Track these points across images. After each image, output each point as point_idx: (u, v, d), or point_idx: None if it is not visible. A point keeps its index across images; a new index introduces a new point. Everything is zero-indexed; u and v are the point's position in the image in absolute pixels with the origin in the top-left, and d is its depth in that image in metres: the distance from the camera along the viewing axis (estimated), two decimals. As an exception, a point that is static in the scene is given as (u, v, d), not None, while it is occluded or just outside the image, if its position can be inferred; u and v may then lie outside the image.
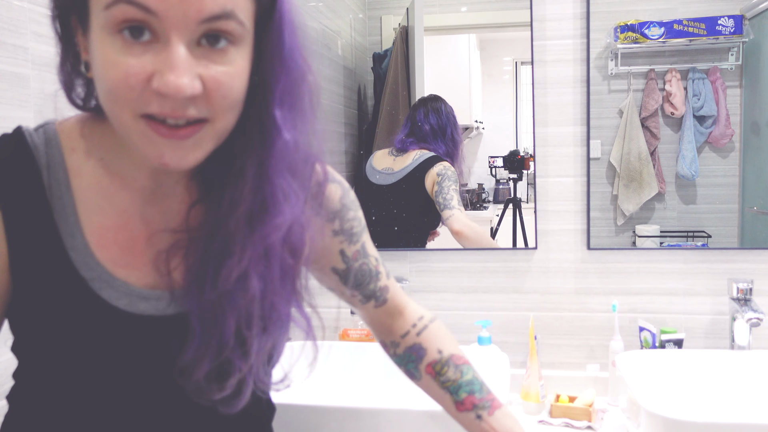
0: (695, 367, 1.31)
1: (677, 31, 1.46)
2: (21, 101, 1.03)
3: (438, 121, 1.60)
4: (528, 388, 1.40)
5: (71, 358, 0.64)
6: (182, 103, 0.54)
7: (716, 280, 1.47)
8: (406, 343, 0.90)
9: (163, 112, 0.55)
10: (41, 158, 0.64)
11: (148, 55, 0.54)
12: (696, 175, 1.50)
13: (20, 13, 1.02)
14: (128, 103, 0.55)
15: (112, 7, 0.52)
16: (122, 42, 0.53)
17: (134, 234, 0.66)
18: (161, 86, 0.53)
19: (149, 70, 0.54)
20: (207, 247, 0.64)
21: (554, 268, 1.54)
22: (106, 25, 0.53)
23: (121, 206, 0.66)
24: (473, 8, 1.61)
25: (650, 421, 1.06)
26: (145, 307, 0.65)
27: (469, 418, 0.86)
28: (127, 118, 0.56)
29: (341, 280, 0.83)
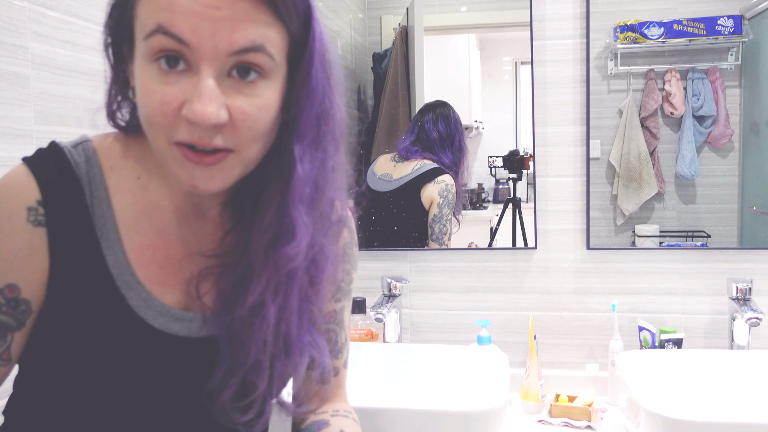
0: (695, 367, 1.31)
1: (677, 31, 1.46)
2: (21, 101, 1.03)
3: (446, 129, 1.58)
4: (527, 387, 1.40)
5: (101, 373, 0.65)
6: (209, 131, 0.57)
7: (716, 280, 1.47)
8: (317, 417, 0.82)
9: (192, 140, 0.57)
10: (83, 176, 0.65)
11: (182, 84, 0.57)
12: (695, 175, 1.50)
13: (20, 12, 1.02)
14: (162, 129, 0.58)
15: (150, 38, 0.56)
16: (158, 70, 0.57)
17: (171, 253, 0.68)
18: (189, 113, 0.56)
19: (181, 99, 0.57)
20: (235, 273, 0.67)
21: (554, 268, 1.54)
22: (146, 54, 0.57)
23: (158, 225, 0.68)
24: (473, 8, 1.61)
25: (650, 420, 1.06)
26: (178, 328, 0.67)
27: None
28: (162, 143, 0.59)
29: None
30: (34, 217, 0.63)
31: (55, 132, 1.10)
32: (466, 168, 1.61)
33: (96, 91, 1.20)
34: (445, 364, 1.40)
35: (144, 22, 0.57)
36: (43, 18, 1.07)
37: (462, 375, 1.37)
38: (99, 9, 1.21)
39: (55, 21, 1.10)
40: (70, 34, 1.13)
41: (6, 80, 1.00)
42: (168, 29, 0.55)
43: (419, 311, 1.61)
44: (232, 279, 0.67)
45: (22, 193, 0.63)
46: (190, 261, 0.69)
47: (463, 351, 1.42)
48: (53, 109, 1.09)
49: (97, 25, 1.20)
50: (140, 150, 0.68)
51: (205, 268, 0.68)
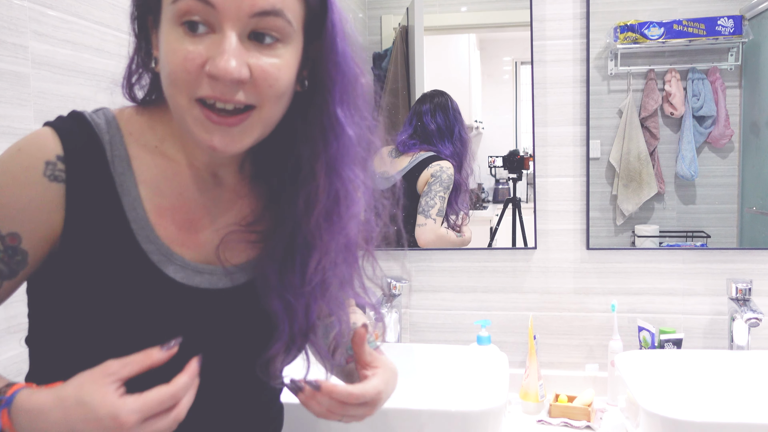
0: (694, 367, 1.31)
1: (677, 31, 1.46)
2: (21, 100, 1.03)
3: (445, 120, 1.56)
4: (527, 387, 1.40)
5: (123, 327, 0.66)
6: (231, 87, 0.60)
7: (715, 280, 1.47)
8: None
9: (214, 95, 0.60)
10: (104, 135, 0.67)
11: (205, 43, 0.60)
12: (695, 175, 1.50)
13: (20, 11, 1.02)
14: (185, 85, 0.61)
15: (178, 1, 0.59)
16: (183, 32, 0.60)
17: (190, 216, 0.71)
18: (212, 69, 0.59)
19: (204, 56, 0.60)
20: (289, 247, 0.70)
21: (553, 268, 1.54)
22: (172, 17, 0.60)
23: (177, 189, 0.70)
24: (473, 8, 1.61)
25: (649, 420, 1.06)
26: (200, 281, 0.70)
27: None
28: (184, 102, 0.62)
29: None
30: (51, 172, 0.64)
31: (55, 131, 1.10)
32: (471, 158, 1.58)
33: (96, 91, 1.20)
34: (445, 364, 1.40)
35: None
36: (43, 17, 1.07)
37: (461, 375, 1.37)
38: (99, 8, 1.21)
39: (55, 20, 1.10)
40: (70, 33, 1.13)
41: (6, 79, 1.00)
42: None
43: (419, 311, 1.61)
44: (283, 253, 0.70)
45: (43, 148, 0.64)
46: (211, 223, 0.71)
47: (462, 351, 1.42)
48: (53, 108, 1.09)
49: (97, 25, 1.20)
50: (158, 122, 0.70)
51: (229, 234, 0.71)
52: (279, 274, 0.70)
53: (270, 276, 0.70)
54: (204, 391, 0.70)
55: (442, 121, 1.56)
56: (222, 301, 0.71)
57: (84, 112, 0.68)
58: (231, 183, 0.74)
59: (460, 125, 1.57)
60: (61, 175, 0.64)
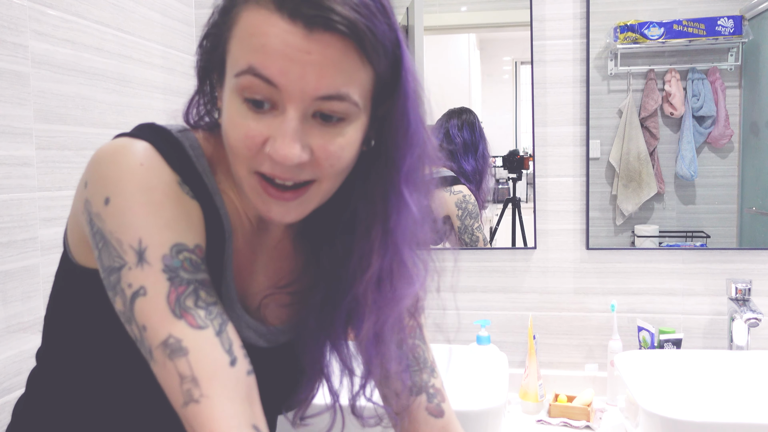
0: (694, 367, 1.31)
1: (677, 31, 1.46)
2: (21, 99, 1.03)
3: (471, 136, 1.57)
4: (527, 387, 1.40)
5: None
6: (291, 169, 0.59)
7: (715, 281, 1.47)
8: None
9: (273, 174, 0.59)
10: (197, 163, 0.65)
11: (267, 120, 0.58)
12: (695, 176, 1.50)
13: (20, 11, 1.02)
14: (245, 160, 0.60)
15: (240, 76, 0.57)
16: (247, 107, 0.58)
17: (244, 261, 0.69)
18: (272, 152, 0.58)
19: (266, 134, 0.58)
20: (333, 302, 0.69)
21: (553, 268, 1.54)
22: (234, 90, 0.58)
23: (243, 232, 0.69)
24: (473, 8, 1.61)
25: (648, 420, 1.06)
26: (247, 335, 0.69)
27: None
28: (243, 173, 0.61)
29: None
30: (186, 190, 0.62)
31: (54, 130, 1.10)
32: (490, 179, 1.59)
33: (96, 91, 1.20)
34: (444, 364, 1.40)
35: (236, 60, 0.58)
36: (43, 16, 1.07)
37: (461, 374, 1.37)
38: (99, 8, 1.21)
39: (55, 19, 1.10)
40: (70, 32, 1.13)
41: (6, 78, 1.00)
42: (258, 71, 0.56)
43: (418, 311, 1.61)
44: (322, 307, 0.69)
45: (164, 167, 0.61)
46: (257, 273, 0.71)
47: (462, 351, 1.42)
48: (53, 107, 1.09)
49: (97, 24, 1.20)
50: (219, 155, 0.68)
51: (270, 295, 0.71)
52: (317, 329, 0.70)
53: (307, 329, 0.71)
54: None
55: (469, 137, 1.57)
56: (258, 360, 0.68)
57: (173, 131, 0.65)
58: (278, 234, 0.73)
59: (485, 144, 1.57)
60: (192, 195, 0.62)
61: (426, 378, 0.78)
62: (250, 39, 0.57)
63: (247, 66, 0.57)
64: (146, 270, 0.57)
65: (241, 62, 0.57)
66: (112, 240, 0.58)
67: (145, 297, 0.57)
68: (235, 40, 0.58)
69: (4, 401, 1.01)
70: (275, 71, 0.56)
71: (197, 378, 0.55)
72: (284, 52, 0.56)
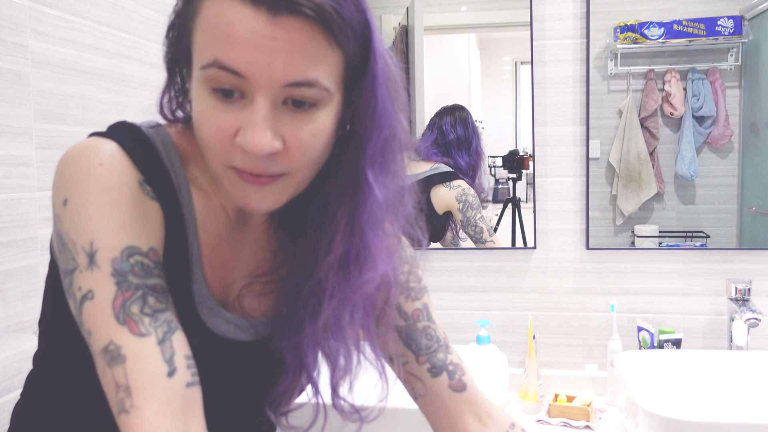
0: (693, 367, 1.31)
1: (677, 31, 1.46)
2: (20, 99, 1.03)
3: (465, 131, 1.58)
4: (526, 387, 1.40)
5: None
6: (263, 159, 0.57)
7: (715, 281, 1.47)
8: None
9: (245, 168, 0.58)
10: (165, 159, 0.64)
11: (236, 110, 0.57)
12: (695, 176, 1.50)
13: (20, 10, 1.02)
14: (218, 155, 0.58)
15: (206, 69, 0.56)
16: (215, 98, 0.57)
17: (222, 256, 0.69)
18: (243, 143, 0.56)
19: (236, 126, 0.57)
20: (301, 288, 0.67)
21: (553, 268, 1.54)
22: (202, 81, 0.57)
23: (216, 227, 0.68)
24: (473, 8, 1.61)
25: (648, 420, 1.06)
26: (225, 330, 0.68)
27: None
28: (218, 167, 0.60)
29: (404, 342, 0.78)
30: (147, 191, 0.61)
31: (55, 130, 1.10)
32: (483, 173, 1.60)
33: (96, 90, 1.20)
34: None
35: (201, 52, 0.57)
36: (43, 16, 1.07)
37: (461, 374, 1.37)
38: (99, 7, 1.21)
39: (55, 19, 1.10)
40: (70, 32, 1.13)
41: (6, 78, 1.00)
42: (224, 63, 0.55)
43: (418, 311, 1.61)
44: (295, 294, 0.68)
45: (126, 167, 0.60)
46: (236, 267, 0.70)
47: (462, 350, 1.42)
48: (53, 107, 1.09)
49: (97, 24, 1.20)
50: (195, 149, 0.67)
51: (244, 287, 0.69)
52: (287, 314, 0.69)
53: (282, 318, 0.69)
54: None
55: (462, 132, 1.58)
56: (243, 353, 0.69)
57: (142, 127, 0.64)
58: (257, 225, 0.72)
59: (477, 139, 1.58)
60: (153, 195, 0.61)
61: (443, 357, 0.77)
62: (214, 30, 0.55)
63: (212, 59, 0.55)
64: (95, 273, 0.56)
65: (205, 54, 0.56)
66: (68, 242, 0.58)
67: (92, 301, 0.56)
68: (198, 31, 0.57)
69: (4, 401, 1.01)
70: (241, 62, 0.54)
71: (131, 387, 0.54)
72: (249, 41, 0.54)
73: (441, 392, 0.77)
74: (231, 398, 0.70)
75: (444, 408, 0.77)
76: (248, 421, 0.74)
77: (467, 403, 0.77)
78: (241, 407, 0.71)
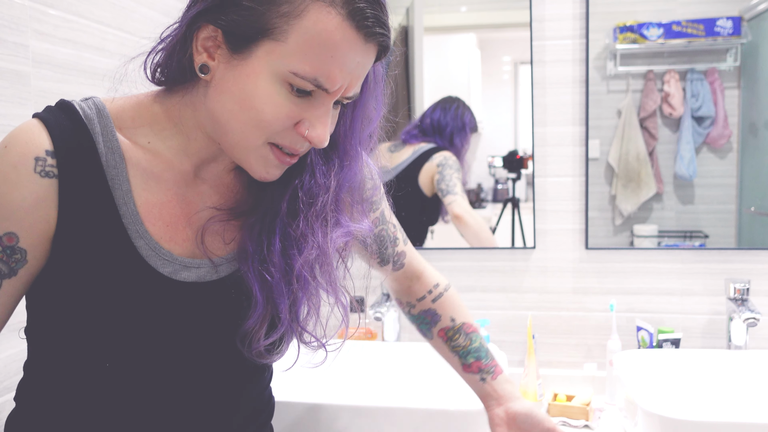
0: (692, 367, 1.32)
1: (676, 32, 1.47)
2: (21, 99, 1.03)
3: (441, 117, 1.59)
4: (525, 386, 1.41)
5: (115, 324, 0.67)
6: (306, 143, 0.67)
7: (714, 280, 1.47)
8: (422, 306, 0.98)
9: (292, 148, 0.68)
10: (94, 126, 0.67)
11: (304, 105, 0.65)
12: (694, 176, 1.50)
13: (21, 10, 1.02)
14: (269, 134, 0.65)
15: (296, 78, 0.63)
16: (288, 91, 0.64)
17: (175, 212, 0.71)
18: (312, 135, 0.66)
19: (301, 116, 0.65)
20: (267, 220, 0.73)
21: (552, 268, 1.55)
22: (283, 78, 0.63)
23: (164, 186, 0.71)
24: (473, 8, 1.61)
25: (647, 420, 1.06)
26: (187, 275, 0.71)
27: (474, 379, 0.96)
28: (257, 143, 0.66)
29: (362, 245, 0.89)
30: (41, 168, 0.64)
31: (55, 130, 1.10)
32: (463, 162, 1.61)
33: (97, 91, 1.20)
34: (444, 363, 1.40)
35: (295, 59, 0.62)
36: (44, 16, 1.07)
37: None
38: (100, 7, 1.21)
39: (56, 19, 1.10)
40: (71, 32, 1.13)
41: (6, 78, 1.00)
42: (321, 84, 0.63)
43: (418, 310, 1.61)
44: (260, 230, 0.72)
45: (31, 143, 0.64)
46: (197, 218, 0.73)
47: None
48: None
49: (98, 24, 1.20)
50: (156, 113, 0.71)
51: (208, 221, 0.72)
52: (256, 247, 0.72)
53: (247, 249, 0.72)
54: (191, 379, 0.72)
55: (438, 116, 1.59)
56: (209, 294, 0.72)
57: (73, 101, 0.68)
58: (213, 177, 0.75)
59: (456, 127, 1.59)
60: (52, 170, 0.64)
61: (390, 251, 0.92)
62: (320, 49, 0.61)
63: (312, 76, 0.62)
64: None
65: (304, 66, 0.62)
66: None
67: None
68: (299, 34, 0.61)
69: (5, 400, 1.01)
70: (333, 83, 0.63)
71: None
72: (345, 63, 0.63)
73: (387, 272, 0.95)
74: (204, 341, 0.71)
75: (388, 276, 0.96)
76: (227, 364, 0.75)
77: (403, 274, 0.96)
78: (216, 349, 0.73)
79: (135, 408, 0.70)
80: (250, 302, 0.71)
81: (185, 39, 0.66)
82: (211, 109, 0.67)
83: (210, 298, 0.72)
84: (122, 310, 0.67)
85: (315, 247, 0.72)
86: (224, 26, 0.63)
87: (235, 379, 0.77)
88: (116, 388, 0.69)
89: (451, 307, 0.98)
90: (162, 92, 0.72)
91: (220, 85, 0.65)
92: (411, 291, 0.98)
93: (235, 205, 0.75)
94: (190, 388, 0.73)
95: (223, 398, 0.76)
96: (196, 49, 0.65)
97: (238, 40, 0.63)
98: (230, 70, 0.64)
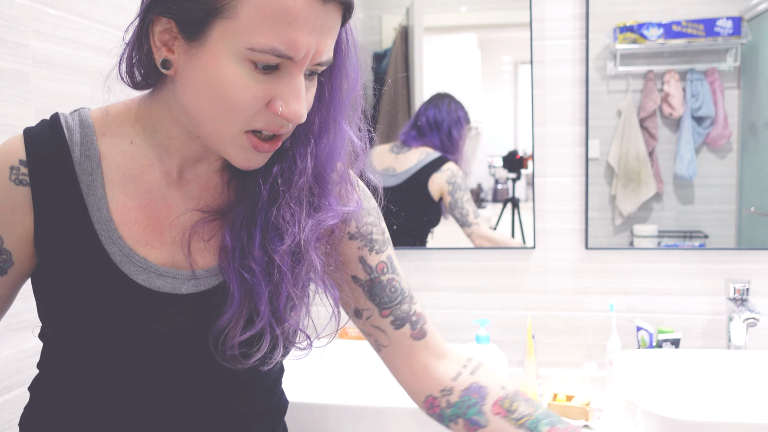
0: (692, 367, 1.32)
1: (676, 32, 1.47)
2: (21, 98, 1.03)
3: (436, 114, 1.59)
4: (525, 386, 1.41)
5: (91, 329, 0.67)
6: (286, 122, 0.64)
7: (713, 280, 1.47)
8: (461, 385, 0.78)
9: (270, 128, 0.64)
10: (74, 136, 0.69)
11: (272, 81, 0.62)
12: (694, 176, 1.50)
13: (21, 10, 1.02)
14: (244, 120, 0.63)
15: (255, 52, 0.59)
16: (252, 69, 0.61)
17: (155, 215, 0.70)
18: (286, 112, 0.62)
19: (271, 95, 0.62)
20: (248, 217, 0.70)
21: (552, 268, 1.55)
22: (243, 57, 0.60)
23: (145, 188, 0.70)
24: (473, 8, 1.61)
25: (647, 420, 1.06)
26: (161, 284, 0.69)
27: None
28: (233, 132, 0.63)
29: (367, 295, 0.78)
30: (15, 176, 0.67)
31: (55, 130, 1.10)
32: (462, 158, 1.61)
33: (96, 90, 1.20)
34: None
35: (249, 34, 0.59)
36: (44, 16, 1.07)
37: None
38: (100, 7, 1.21)
39: (56, 19, 1.10)
40: (71, 32, 1.13)
41: (6, 78, 1.00)
42: (281, 53, 0.59)
43: (418, 310, 1.61)
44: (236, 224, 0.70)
45: (10, 153, 0.67)
46: (178, 221, 0.71)
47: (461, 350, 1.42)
48: (54, 107, 1.09)
49: (97, 23, 1.20)
50: (138, 115, 0.71)
51: (198, 222, 0.70)
52: (235, 243, 0.69)
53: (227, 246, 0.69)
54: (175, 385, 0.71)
55: (432, 114, 1.60)
56: (183, 306, 0.69)
57: (60, 115, 0.70)
58: (198, 178, 0.73)
59: (452, 123, 1.60)
60: (25, 178, 0.67)
61: (407, 308, 0.79)
62: (274, 17, 0.58)
63: (269, 47, 0.59)
64: None
65: (261, 40, 0.58)
66: None
67: None
68: (248, 7, 0.58)
69: (5, 399, 1.01)
70: (297, 50, 0.59)
71: None
72: (306, 27, 0.59)
73: (403, 342, 0.79)
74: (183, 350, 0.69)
75: (405, 354, 0.80)
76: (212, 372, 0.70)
77: (425, 347, 0.80)
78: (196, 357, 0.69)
79: (121, 412, 0.70)
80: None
81: (142, 36, 0.65)
82: (181, 103, 0.65)
83: (187, 309, 0.69)
84: (95, 316, 0.67)
85: (298, 233, 0.68)
86: (175, 15, 0.61)
87: (225, 385, 0.73)
88: (101, 392, 0.70)
89: (495, 376, 0.80)
90: (147, 94, 0.72)
91: (184, 77, 0.63)
92: (440, 372, 0.79)
93: (220, 207, 0.72)
94: (176, 394, 0.71)
95: (215, 404, 0.73)
96: (155, 45, 0.64)
97: (191, 27, 0.61)
98: (190, 60, 0.62)
